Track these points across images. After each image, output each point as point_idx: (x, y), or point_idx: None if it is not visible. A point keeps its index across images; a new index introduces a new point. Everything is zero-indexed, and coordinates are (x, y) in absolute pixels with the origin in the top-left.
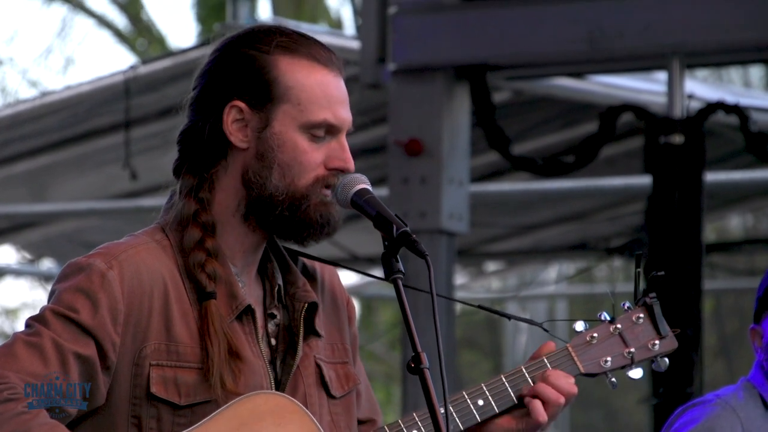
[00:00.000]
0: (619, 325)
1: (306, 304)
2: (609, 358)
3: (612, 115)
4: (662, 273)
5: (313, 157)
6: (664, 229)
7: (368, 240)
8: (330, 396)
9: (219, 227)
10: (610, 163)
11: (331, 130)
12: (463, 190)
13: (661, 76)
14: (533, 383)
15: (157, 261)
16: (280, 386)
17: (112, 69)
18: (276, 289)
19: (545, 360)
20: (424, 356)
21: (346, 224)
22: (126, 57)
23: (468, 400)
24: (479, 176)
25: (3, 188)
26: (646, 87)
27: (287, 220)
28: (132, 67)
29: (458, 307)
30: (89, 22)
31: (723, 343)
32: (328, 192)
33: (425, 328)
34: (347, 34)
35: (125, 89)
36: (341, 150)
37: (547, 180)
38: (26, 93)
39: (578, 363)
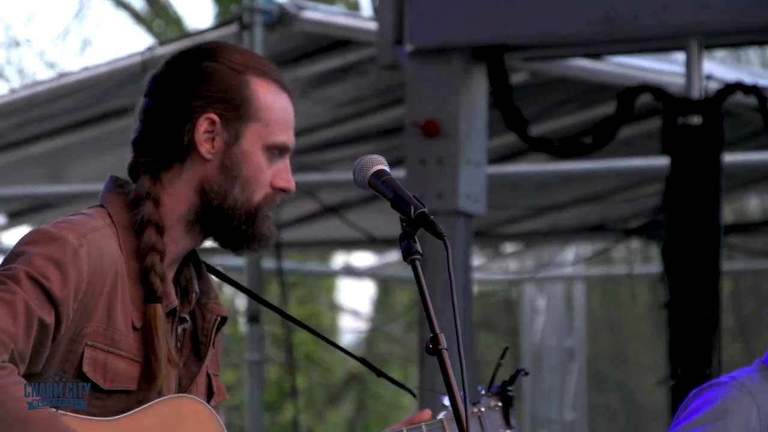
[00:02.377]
0: (482, 409)
1: (219, 318)
2: None
3: (630, 96)
4: (527, 372)
5: (267, 176)
6: (682, 210)
7: (385, 221)
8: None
9: None
10: (628, 144)
11: (283, 151)
12: (481, 171)
13: (680, 56)
14: None
15: (113, 248)
16: (180, 390)
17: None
18: (193, 295)
19: (423, 427)
20: (442, 337)
21: (363, 205)
22: (143, 38)
23: None
24: (496, 157)
25: (21, 169)
26: (664, 68)
27: (240, 233)
28: (149, 49)
29: (476, 288)
30: (106, 4)
31: (741, 325)
32: (272, 206)
33: (443, 309)
34: (364, 15)
35: (142, 70)
36: (286, 171)
37: (565, 161)
38: (44, 74)
39: None
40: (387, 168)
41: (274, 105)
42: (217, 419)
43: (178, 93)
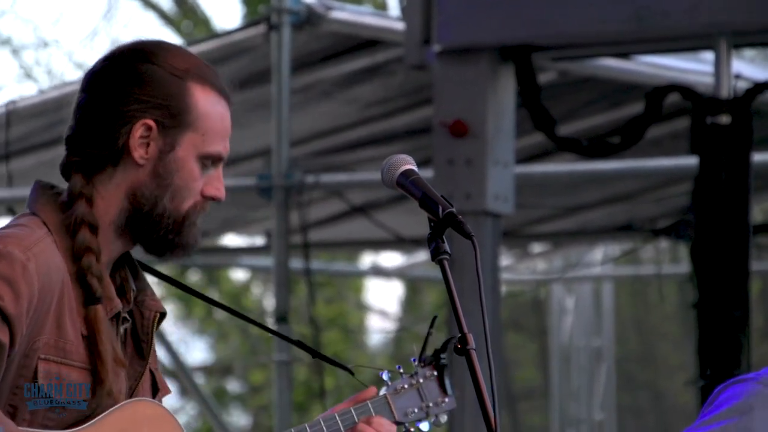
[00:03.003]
0: (420, 380)
1: (158, 314)
2: (415, 410)
3: (658, 96)
4: (462, 339)
5: (198, 185)
6: (711, 210)
7: (413, 221)
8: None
9: None
10: (657, 144)
11: (216, 161)
12: (509, 171)
13: (708, 56)
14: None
15: (56, 257)
16: (128, 391)
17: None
18: (131, 294)
19: (369, 404)
20: (470, 337)
21: (391, 205)
22: (171, 39)
23: None
24: (524, 157)
25: (49, 169)
26: (693, 67)
27: (167, 241)
28: None
29: (504, 288)
30: (135, 4)
31: None
32: (201, 214)
33: (471, 309)
34: (392, 15)
35: None
36: (218, 180)
37: (593, 161)
38: (72, 75)
39: (393, 411)
40: (415, 168)
41: (212, 114)
42: (175, 420)
43: (115, 94)
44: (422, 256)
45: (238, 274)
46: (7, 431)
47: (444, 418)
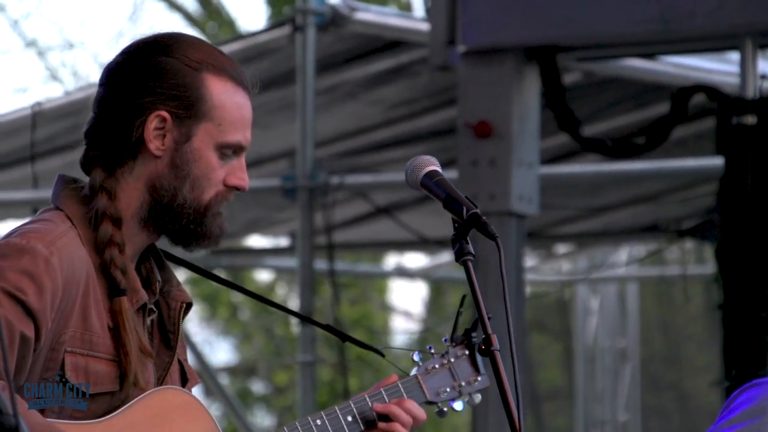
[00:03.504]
0: (452, 360)
1: (184, 304)
2: (447, 389)
3: (684, 96)
4: (490, 317)
5: (219, 174)
6: (737, 210)
7: (438, 222)
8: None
9: None
10: (682, 145)
11: (237, 150)
12: (533, 172)
13: (734, 56)
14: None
15: (81, 251)
16: (156, 381)
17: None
18: (156, 285)
19: (399, 385)
20: (494, 338)
21: (415, 206)
22: None
23: (340, 416)
24: (549, 158)
25: (75, 172)
26: (719, 67)
27: (189, 231)
28: None
29: (528, 288)
30: (160, 6)
31: None
32: (223, 204)
33: (495, 310)
34: (416, 16)
35: None
36: (241, 170)
37: (618, 161)
38: (97, 76)
39: (425, 391)
40: (439, 169)
41: (229, 103)
42: (203, 408)
43: (131, 87)
44: (446, 257)
45: (263, 275)
46: (30, 423)
47: (478, 398)
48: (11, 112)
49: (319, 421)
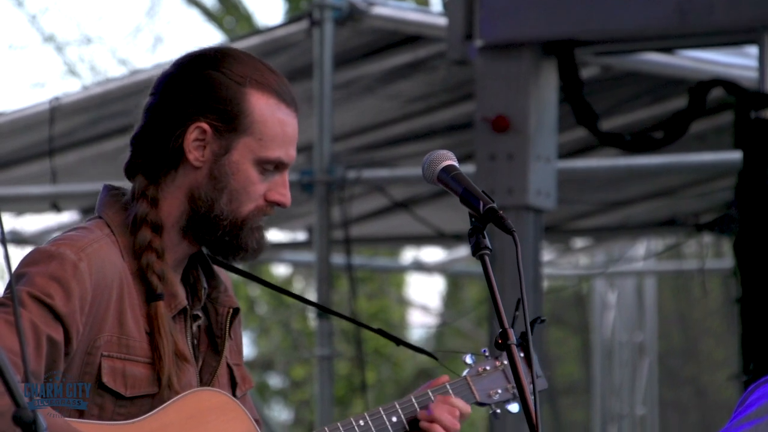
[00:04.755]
0: (505, 362)
1: (231, 310)
2: (499, 391)
3: (702, 90)
4: (544, 319)
5: (259, 189)
6: (755, 204)
7: (455, 216)
8: (234, 396)
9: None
10: (700, 139)
11: (279, 166)
12: (551, 166)
13: (752, 50)
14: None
15: (114, 257)
16: (202, 385)
17: (200, 47)
18: (202, 291)
19: (447, 386)
20: (511, 332)
21: (432, 201)
22: (214, 35)
23: (384, 416)
24: (567, 152)
25: (93, 166)
26: (737, 61)
27: (225, 243)
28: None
29: (546, 283)
30: (178, 1)
31: None
32: (262, 219)
33: (512, 304)
34: (434, 11)
35: None
36: (283, 186)
37: (636, 156)
38: (116, 71)
39: (475, 392)
40: (456, 163)
41: (270, 119)
42: (241, 408)
43: (176, 98)
44: (463, 251)
45: (280, 269)
46: (49, 422)
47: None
48: (30, 107)
49: (362, 422)
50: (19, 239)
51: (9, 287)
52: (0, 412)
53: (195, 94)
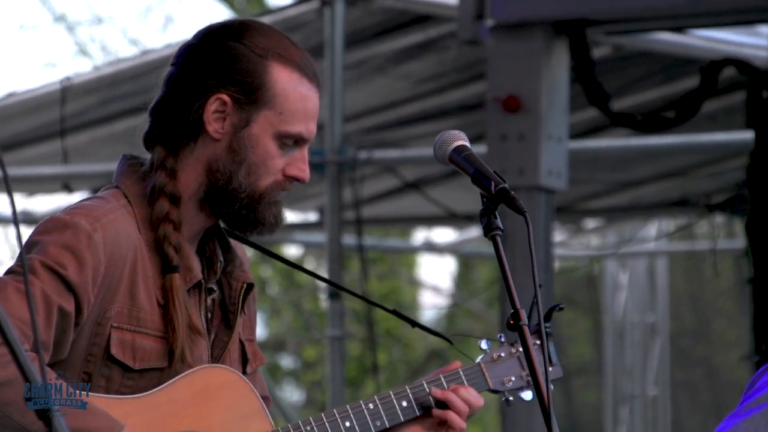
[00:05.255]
0: (520, 349)
1: (245, 285)
2: (513, 378)
3: (714, 70)
4: (563, 307)
5: (277, 163)
6: (767, 184)
7: (466, 197)
8: (244, 372)
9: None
10: (712, 119)
11: (299, 141)
12: (562, 146)
13: (764, 29)
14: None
15: (129, 228)
16: (213, 360)
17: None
18: (218, 265)
19: (460, 372)
20: (523, 313)
21: (444, 181)
22: (225, 15)
23: (394, 400)
24: (578, 132)
25: (104, 146)
26: (749, 41)
27: (242, 216)
28: None
29: (557, 264)
30: None
31: None
32: (280, 193)
33: (524, 285)
34: None
35: None
36: (302, 161)
37: (647, 136)
38: (127, 51)
39: (488, 379)
40: (467, 143)
41: (292, 93)
42: (248, 386)
43: (197, 69)
44: (475, 231)
45: (291, 250)
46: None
47: (550, 388)
48: (41, 87)
49: (371, 405)
50: (30, 219)
51: (21, 257)
52: (9, 380)
53: (216, 65)
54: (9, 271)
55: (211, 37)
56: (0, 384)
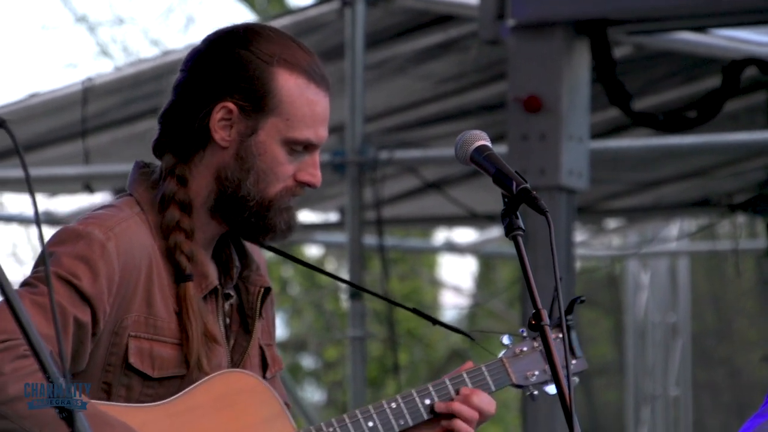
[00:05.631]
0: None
1: (262, 289)
2: (536, 373)
3: (735, 69)
4: (584, 299)
5: (287, 169)
6: None
7: (487, 197)
8: (264, 377)
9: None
10: (734, 118)
11: (308, 147)
12: (583, 146)
13: None
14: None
15: (143, 236)
16: (233, 365)
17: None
18: (234, 270)
19: (483, 369)
20: (544, 313)
21: (465, 181)
22: (246, 15)
23: (417, 399)
24: (599, 132)
25: (126, 147)
26: None
27: (252, 224)
28: None
29: (578, 264)
30: None
31: None
32: (291, 199)
33: (545, 285)
34: None
35: None
36: (313, 166)
37: (669, 136)
38: (148, 52)
39: (511, 374)
40: (489, 143)
41: (299, 99)
42: (270, 391)
43: (203, 76)
44: (496, 232)
45: (312, 250)
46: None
47: (575, 380)
48: (62, 88)
49: (394, 404)
50: (52, 220)
51: (36, 266)
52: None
53: (222, 73)
54: (24, 284)
55: (217, 43)
56: (17, 398)
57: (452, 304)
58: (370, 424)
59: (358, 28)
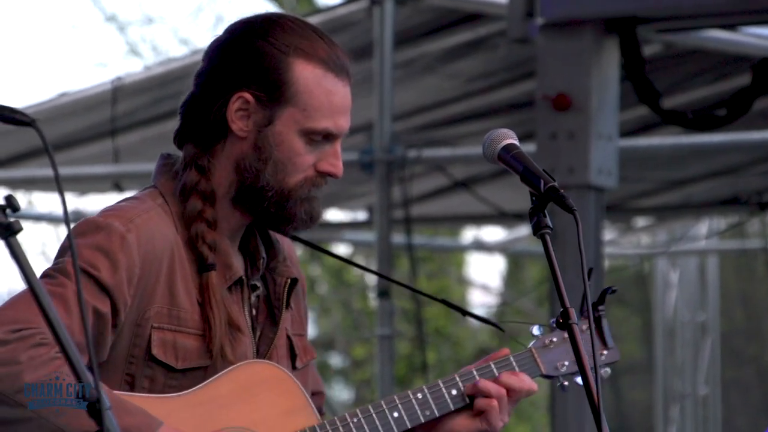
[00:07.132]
0: None
1: (289, 280)
2: (566, 363)
3: (765, 67)
4: (615, 289)
5: (306, 160)
6: None
7: (515, 195)
8: (294, 367)
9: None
10: (764, 116)
11: (328, 137)
12: (612, 144)
13: None
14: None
15: (165, 227)
16: (259, 356)
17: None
18: (260, 261)
19: (511, 358)
20: (572, 312)
21: (493, 180)
22: None
23: (443, 389)
24: (628, 131)
25: (155, 146)
26: None
27: (272, 214)
28: None
29: (607, 262)
30: None
31: None
32: (313, 189)
33: (573, 284)
34: None
35: None
36: (334, 156)
37: (698, 134)
38: (177, 51)
39: (540, 364)
40: (517, 142)
41: (316, 89)
42: (293, 381)
43: (222, 67)
44: (524, 230)
45: (341, 249)
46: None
47: (607, 371)
48: (92, 87)
49: (420, 395)
50: (81, 219)
51: (56, 258)
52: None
53: (239, 63)
54: (44, 275)
55: (236, 33)
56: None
57: (480, 303)
58: (396, 414)
59: (387, 26)
